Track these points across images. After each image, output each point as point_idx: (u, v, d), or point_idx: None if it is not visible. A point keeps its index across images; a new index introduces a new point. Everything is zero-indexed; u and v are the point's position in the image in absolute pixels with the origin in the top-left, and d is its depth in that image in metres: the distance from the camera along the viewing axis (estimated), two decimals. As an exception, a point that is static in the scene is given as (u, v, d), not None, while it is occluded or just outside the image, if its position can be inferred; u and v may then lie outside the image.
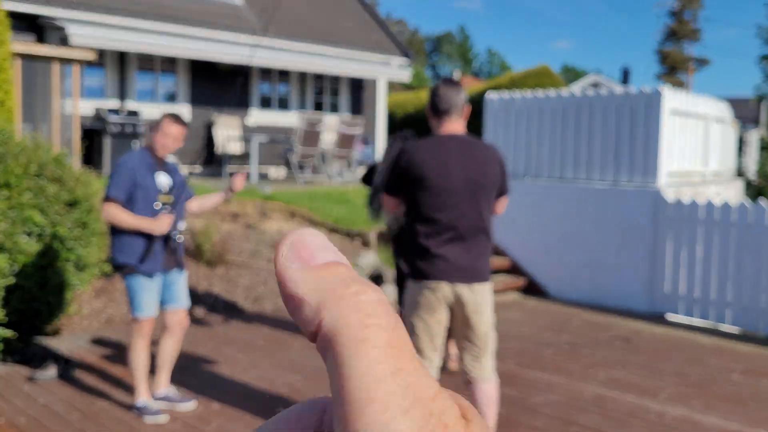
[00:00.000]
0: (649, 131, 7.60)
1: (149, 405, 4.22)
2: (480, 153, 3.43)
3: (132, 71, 12.56)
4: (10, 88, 6.23)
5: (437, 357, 3.50)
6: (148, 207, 4.16)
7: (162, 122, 4.26)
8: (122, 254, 4.13)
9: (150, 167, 4.21)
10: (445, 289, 3.37)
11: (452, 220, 3.35)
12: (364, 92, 16.22)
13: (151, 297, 4.19)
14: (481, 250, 3.43)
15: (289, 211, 8.77)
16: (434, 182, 3.34)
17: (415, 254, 3.43)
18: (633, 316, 7.32)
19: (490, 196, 3.45)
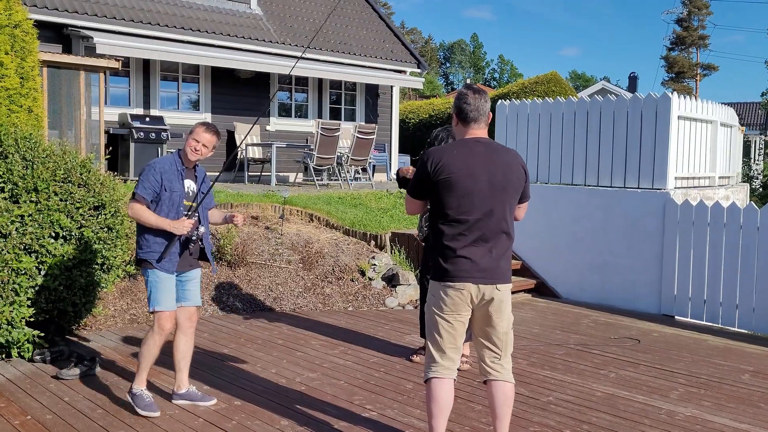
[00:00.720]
0: (657, 136, 7.72)
1: (143, 395, 4.34)
2: (504, 158, 3.50)
3: (156, 80, 12.84)
4: (38, 96, 6.48)
5: (458, 357, 3.57)
6: (172, 209, 4.35)
7: (195, 129, 4.44)
8: (142, 250, 4.34)
9: (179, 171, 4.40)
10: (470, 290, 3.43)
11: (477, 222, 3.41)
12: (379, 100, 16.43)
13: (167, 292, 4.37)
14: (504, 252, 3.50)
15: (307, 213, 8.97)
16: (460, 185, 3.40)
17: (440, 255, 3.48)
18: (642, 317, 7.43)
19: (513, 199, 3.52)
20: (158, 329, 4.35)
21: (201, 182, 4.55)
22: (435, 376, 3.52)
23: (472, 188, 3.40)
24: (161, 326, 4.35)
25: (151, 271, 4.34)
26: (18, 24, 6.02)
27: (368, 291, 7.71)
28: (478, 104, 3.51)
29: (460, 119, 3.55)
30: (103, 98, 10.29)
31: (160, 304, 4.34)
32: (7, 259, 4.94)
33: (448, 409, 3.53)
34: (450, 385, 3.52)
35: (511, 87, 17.49)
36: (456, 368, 3.58)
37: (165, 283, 4.35)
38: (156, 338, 4.36)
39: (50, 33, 11.13)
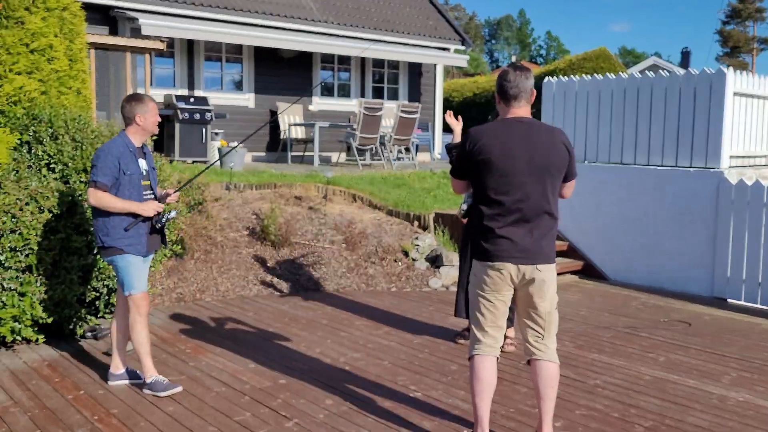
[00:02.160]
0: (711, 113, 7.47)
1: (159, 380, 4.38)
2: (545, 137, 3.44)
3: (200, 60, 12.96)
4: (87, 78, 6.58)
5: (500, 335, 3.57)
6: (134, 191, 4.31)
7: (149, 105, 4.36)
8: (110, 237, 4.26)
9: (131, 153, 4.33)
10: (510, 270, 3.43)
11: (517, 202, 3.38)
12: (422, 78, 16.29)
13: (142, 273, 4.37)
14: (545, 232, 3.45)
15: (350, 194, 8.97)
16: (499, 165, 3.37)
17: (481, 235, 3.48)
18: (693, 300, 7.25)
19: (555, 179, 3.46)
20: (139, 312, 4.37)
21: (149, 159, 4.51)
22: (477, 354, 3.53)
23: (510, 168, 3.37)
24: (141, 308, 4.38)
25: (120, 257, 4.30)
26: (66, 6, 6.10)
27: (411, 272, 7.69)
28: (518, 81, 3.45)
29: (501, 97, 3.52)
30: (149, 79, 10.43)
31: (135, 288, 4.34)
32: (60, 238, 5.05)
33: (492, 387, 3.54)
34: (492, 363, 3.53)
35: (558, 64, 17.17)
36: (499, 347, 3.58)
37: (137, 265, 4.35)
38: (139, 320, 4.38)
39: (97, 15, 11.29)
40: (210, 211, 7.68)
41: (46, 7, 5.80)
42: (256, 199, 8.28)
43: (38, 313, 4.93)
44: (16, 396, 4.28)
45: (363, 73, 15.37)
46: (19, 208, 4.87)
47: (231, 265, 7.19)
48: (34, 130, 5.42)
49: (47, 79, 5.75)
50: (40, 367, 4.79)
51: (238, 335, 5.61)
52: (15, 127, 5.42)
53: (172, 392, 4.33)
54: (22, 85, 5.49)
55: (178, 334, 5.61)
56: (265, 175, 9.51)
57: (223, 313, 6.23)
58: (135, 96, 4.42)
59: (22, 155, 5.36)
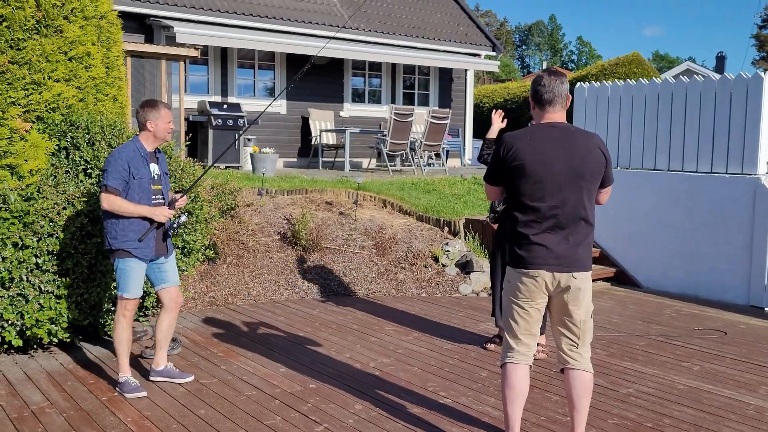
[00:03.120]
0: (748, 118, 7.34)
1: (129, 381, 4.45)
2: (581, 142, 3.39)
3: (233, 67, 13.12)
4: (123, 85, 6.69)
5: (534, 343, 3.53)
6: (144, 195, 4.39)
7: (162, 112, 4.43)
8: (117, 240, 4.36)
9: (143, 157, 4.42)
10: (544, 277, 3.38)
11: (552, 209, 3.34)
12: (453, 84, 16.27)
13: (139, 279, 4.44)
14: (581, 239, 3.40)
15: (380, 199, 8.99)
16: (534, 171, 3.33)
17: (515, 242, 3.44)
18: (729, 308, 7.12)
19: (591, 185, 3.40)
20: (124, 312, 4.45)
21: (162, 164, 4.59)
22: (510, 362, 3.50)
23: (545, 174, 3.32)
24: (127, 312, 4.46)
25: (122, 260, 4.39)
26: (104, 15, 6.22)
27: (441, 277, 7.67)
28: (553, 86, 3.42)
29: (536, 102, 3.48)
30: (183, 86, 10.58)
31: (128, 292, 4.42)
32: (96, 242, 5.14)
33: (524, 395, 3.50)
34: (525, 372, 3.50)
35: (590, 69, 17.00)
36: (532, 355, 3.54)
37: (136, 271, 4.43)
38: (123, 322, 4.46)
39: (133, 23, 11.50)
40: (242, 216, 7.76)
41: (84, 16, 5.92)
42: (287, 204, 8.35)
43: (74, 316, 5.03)
44: (52, 397, 4.37)
45: (394, 79, 15.41)
46: (56, 213, 4.98)
47: (262, 269, 7.25)
48: (71, 136, 5.54)
49: (85, 86, 5.87)
50: (75, 368, 4.88)
51: (269, 339, 5.65)
52: (53, 133, 5.54)
53: (137, 395, 4.38)
54: (61, 92, 5.61)
55: (210, 337, 5.67)
56: (297, 180, 9.58)
57: (254, 317, 6.28)
58: (149, 102, 4.50)
59: (60, 161, 5.48)
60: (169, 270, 4.63)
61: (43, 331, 4.91)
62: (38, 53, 5.48)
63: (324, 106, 14.05)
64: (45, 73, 5.52)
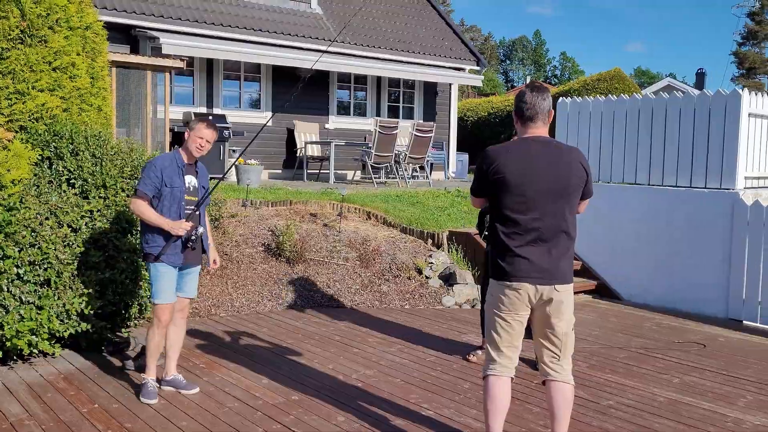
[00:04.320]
0: (726, 134, 7.46)
1: (149, 384, 4.52)
2: (563, 156, 3.44)
3: (218, 79, 13.13)
4: (107, 96, 6.70)
5: (516, 356, 3.56)
6: (174, 204, 4.49)
7: (197, 126, 4.54)
8: (148, 245, 4.48)
9: (179, 168, 4.52)
10: (527, 290, 3.41)
11: (534, 221, 3.38)
12: (437, 98, 16.39)
13: (169, 285, 4.52)
14: (563, 252, 3.43)
15: (364, 211, 9.01)
16: (515, 184, 3.37)
17: (498, 254, 3.47)
18: (708, 321, 7.20)
19: (572, 198, 3.45)
20: (158, 321, 4.54)
21: (201, 178, 4.68)
22: (492, 374, 3.53)
23: (526, 187, 3.37)
24: (160, 318, 4.53)
25: (153, 265, 4.49)
26: (89, 26, 6.23)
27: (425, 289, 7.70)
28: (534, 102, 3.45)
29: (518, 118, 3.52)
30: (169, 97, 10.57)
31: (160, 297, 4.51)
32: (77, 253, 5.12)
33: (505, 408, 3.53)
34: (507, 384, 3.52)
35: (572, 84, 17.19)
36: (514, 367, 3.55)
37: (167, 276, 4.50)
38: (157, 330, 4.55)
39: (119, 34, 11.49)
40: (226, 227, 7.75)
41: (69, 27, 5.93)
42: (271, 216, 8.35)
43: (55, 327, 4.99)
44: (31, 409, 4.33)
45: (379, 93, 15.49)
46: (38, 223, 4.96)
47: (246, 280, 7.24)
48: (55, 146, 5.53)
49: (69, 97, 5.86)
50: (55, 380, 4.85)
51: (251, 351, 5.64)
52: (36, 143, 5.53)
53: (148, 401, 4.44)
54: (44, 102, 5.61)
55: (192, 348, 5.65)
56: (281, 192, 9.59)
57: (237, 329, 6.27)
58: (199, 118, 4.64)
59: (42, 171, 5.46)
60: (189, 281, 4.72)
61: (23, 342, 4.87)
62: (22, 63, 5.47)
63: (309, 118, 14.09)
64: (29, 83, 5.51)
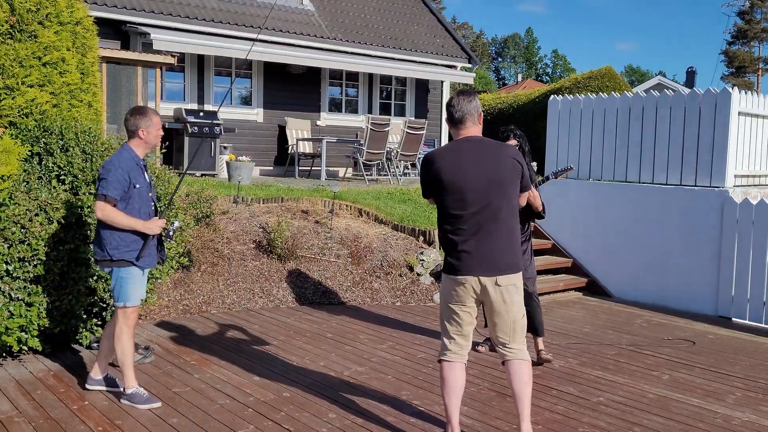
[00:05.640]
0: (716, 132, 7.51)
1: (140, 392, 4.37)
2: (494, 152, 3.69)
3: (210, 75, 13.08)
4: (98, 91, 6.65)
5: (467, 343, 3.80)
6: (144, 203, 4.34)
7: (152, 118, 4.37)
8: (119, 250, 4.26)
9: (139, 166, 4.36)
10: (471, 282, 3.65)
11: (473, 216, 3.61)
12: (429, 95, 16.39)
13: (141, 286, 4.40)
14: (505, 243, 3.65)
15: (356, 208, 9.01)
16: (452, 182, 3.62)
17: (446, 250, 3.74)
18: (697, 318, 7.25)
19: (509, 190, 3.67)
20: (129, 324, 4.38)
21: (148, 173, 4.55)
22: (445, 359, 3.79)
23: (463, 185, 3.61)
24: (130, 322, 4.38)
25: (126, 269, 4.30)
26: (79, 21, 6.19)
27: (416, 286, 7.71)
28: (461, 105, 3.72)
29: (449, 122, 3.79)
30: (160, 93, 10.53)
31: (131, 300, 4.36)
32: (66, 249, 5.10)
33: (460, 389, 3.79)
34: (459, 368, 3.78)
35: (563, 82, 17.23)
36: (466, 353, 3.81)
37: (138, 278, 4.37)
38: (126, 332, 4.37)
39: (109, 29, 11.43)
40: (217, 224, 7.74)
41: (59, 22, 5.89)
42: (263, 213, 8.33)
43: (45, 324, 4.97)
44: (21, 406, 4.31)
45: (371, 90, 15.47)
46: (28, 219, 4.93)
47: (237, 277, 7.23)
48: (44, 142, 5.49)
49: (59, 92, 5.82)
50: (45, 377, 4.83)
51: (243, 348, 5.64)
52: (26, 138, 5.49)
53: (150, 406, 4.31)
54: (34, 98, 5.57)
55: (183, 345, 5.64)
56: (273, 189, 9.57)
57: (228, 326, 6.26)
58: (138, 109, 4.44)
59: (32, 167, 5.43)
60: None
61: (12, 339, 4.84)
62: (12, 58, 5.43)
63: (301, 115, 14.06)
64: (18, 78, 5.47)
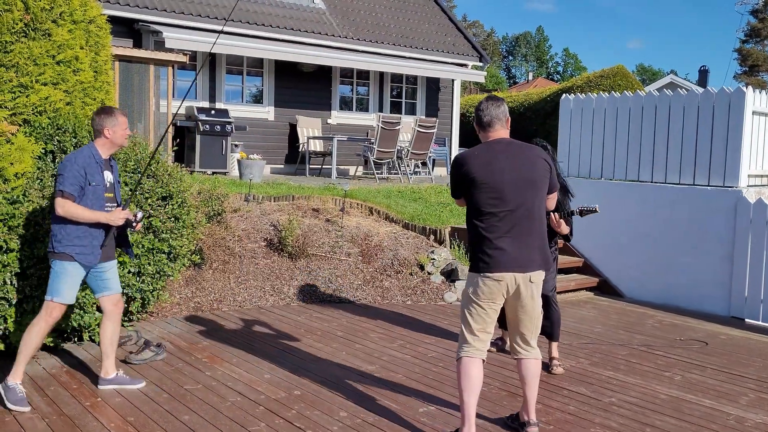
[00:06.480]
0: (730, 132, 7.46)
1: (17, 389, 4.25)
2: (526, 152, 3.82)
3: (221, 73, 13.12)
4: (111, 90, 6.67)
5: (488, 339, 3.87)
6: (96, 202, 4.33)
7: (119, 118, 4.38)
8: (62, 244, 4.28)
9: (98, 164, 4.37)
10: (506, 280, 3.72)
11: (507, 214, 3.71)
12: (440, 93, 16.37)
13: (74, 285, 4.36)
14: (535, 241, 3.76)
15: (366, 207, 9.01)
16: (486, 181, 3.72)
17: (477, 248, 3.79)
18: (710, 319, 7.21)
19: (540, 190, 3.80)
20: (48, 318, 4.32)
21: (114, 172, 4.56)
22: (466, 356, 3.83)
23: (496, 184, 3.71)
24: (52, 316, 4.33)
25: (62, 263, 4.30)
26: (92, 19, 6.22)
27: (427, 285, 7.71)
28: (490, 110, 3.87)
29: (479, 126, 3.92)
30: (171, 91, 10.57)
31: (60, 296, 4.32)
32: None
33: (479, 386, 3.81)
34: (480, 365, 3.83)
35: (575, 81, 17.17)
36: (486, 350, 3.84)
37: (73, 276, 4.34)
38: (43, 327, 4.32)
39: (122, 28, 11.49)
40: (229, 222, 7.76)
41: (73, 20, 5.91)
42: (274, 211, 8.35)
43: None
44: (34, 402, 4.34)
45: (381, 88, 15.47)
46: (42, 217, 4.96)
47: (248, 275, 7.25)
48: (58, 140, 5.52)
49: (72, 90, 5.85)
50: (59, 373, 4.86)
51: (254, 345, 5.65)
52: (40, 136, 5.52)
53: (18, 408, 4.16)
54: (48, 96, 5.60)
55: (194, 343, 5.66)
56: (284, 187, 9.59)
57: (239, 323, 6.28)
58: (105, 109, 4.45)
59: (46, 164, 5.46)
60: (111, 278, 4.54)
61: (26, 335, 4.87)
62: (26, 56, 5.46)
63: (312, 113, 14.08)
64: (32, 77, 5.50)
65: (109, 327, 4.59)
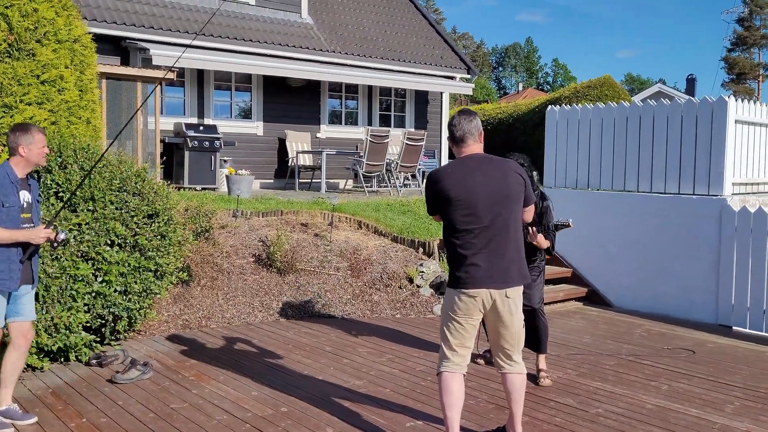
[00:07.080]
0: (714, 141, 7.52)
1: None
2: (499, 166, 3.81)
3: (209, 89, 13.14)
4: (97, 108, 6.69)
5: (468, 354, 3.88)
6: (10, 224, 4.12)
7: (36, 136, 4.21)
8: None
9: (13, 184, 4.18)
10: (482, 296, 3.73)
11: (483, 230, 3.71)
12: (429, 106, 16.44)
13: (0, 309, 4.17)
14: (513, 255, 3.77)
15: (355, 221, 9.02)
16: (459, 198, 3.72)
17: (453, 265, 3.80)
18: (698, 327, 7.23)
19: (514, 204, 3.80)
20: None
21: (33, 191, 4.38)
22: (446, 371, 3.84)
23: (471, 201, 3.71)
24: None
25: None
26: (77, 38, 6.24)
27: (416, 298, 7.71)
28: (462, 125, 3.85)
29: (451, 141, 3.91)
30: (159, 108, 10.57)
31: None
32: (65, 266, 5.12)
33: (461, 400, 3.83)
34: (460, 379, 3.84)
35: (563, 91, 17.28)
36: (466, 365, 3.85)
37: None
38: None
39: (109, 46, 11.49)
40: (216, 238, 7.75)
41: (57, 40, 5.93)
42: (262, 226, 8.35)
43: (44, 341, 4.98)
44: (18, 424, 4.30)
45: (370, 101, 15.53)
46: (26, 236, 4.94)
47: (237, 291, 7.24)
48: (43, 160, 5.52)
49: (57, 110, 5.86)
50: (44, 394, 4.84)
51: (241, 362, 5.64)
52: (25, 156, 5.52)
53: None
54: (33, 116, 5.60)
55: (182, 361, 5.64)
56: (272, 202, 9.59)
57: (227, 340, 6.26)
58: (20, 126, 4.28)
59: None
60: (26, 303, 4.33)
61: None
62: (10, 76, 5.47)
63: (301, 127, 14.11)
64: (17, 97, 5.51)
65: (13, 356, 4.32)
